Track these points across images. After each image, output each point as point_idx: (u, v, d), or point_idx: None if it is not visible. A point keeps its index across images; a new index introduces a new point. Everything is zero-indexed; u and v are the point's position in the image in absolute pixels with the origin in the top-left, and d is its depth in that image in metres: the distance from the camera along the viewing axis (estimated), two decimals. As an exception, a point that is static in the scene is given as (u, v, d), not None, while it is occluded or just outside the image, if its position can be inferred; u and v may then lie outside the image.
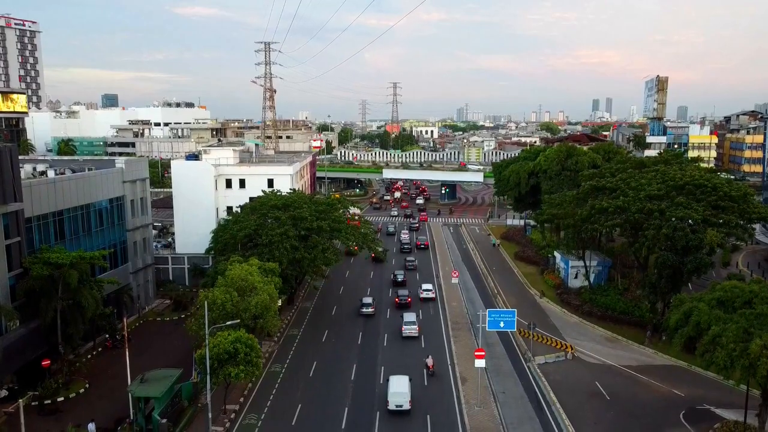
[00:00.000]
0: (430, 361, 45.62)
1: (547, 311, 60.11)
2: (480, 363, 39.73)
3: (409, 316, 54.02)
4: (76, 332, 43.21)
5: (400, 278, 68.46)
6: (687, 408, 39.65)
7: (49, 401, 40.53)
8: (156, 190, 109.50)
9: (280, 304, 51.70)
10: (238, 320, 39.51)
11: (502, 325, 41.59)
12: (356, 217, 67.82)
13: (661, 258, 44.40)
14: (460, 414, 38.75)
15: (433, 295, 63.46)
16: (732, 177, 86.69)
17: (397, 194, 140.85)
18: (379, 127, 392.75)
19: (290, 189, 66.19)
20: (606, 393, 41.94)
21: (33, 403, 39.88)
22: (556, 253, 71.32)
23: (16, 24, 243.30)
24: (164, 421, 35.37)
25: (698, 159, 68.84)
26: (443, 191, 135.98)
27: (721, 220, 45.65)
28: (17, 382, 41.67)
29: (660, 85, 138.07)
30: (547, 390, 41.82)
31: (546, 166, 76.61)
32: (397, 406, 38.63)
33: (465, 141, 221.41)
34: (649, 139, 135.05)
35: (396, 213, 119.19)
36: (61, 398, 41.11)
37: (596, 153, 77.14)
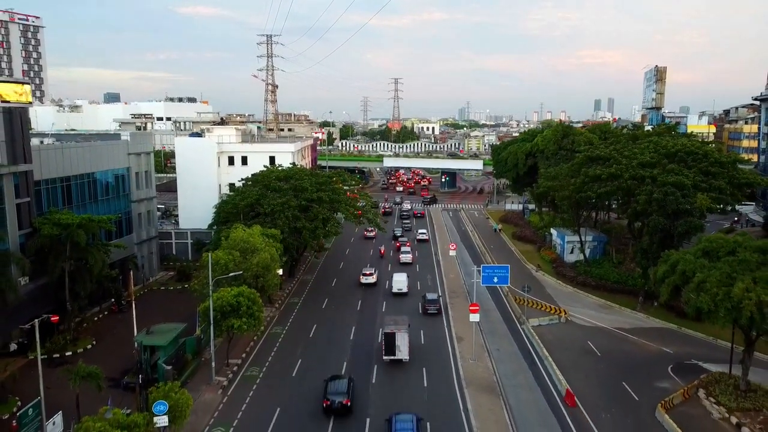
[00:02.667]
0: (382, 249, 72.56)
1: (543, 283, 61.37)
2: (474, 317, 41.02)
3: (406, 249, 71.27)
4: (84, 290, 44.51)
5: (398, 233, 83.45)
6: (675, 363, 40.90)
7: (58, 355, 41.94)
8: (159, 175, 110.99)
9: (281, 273, 53.11)
10: (240, 272, 40.81)
11: (495, 280, 42.85)
12: (355, 190, 69.16)
13: (652, 222, 45.66)
14: (455, 366, 40.04)
15: (427, 237, 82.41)
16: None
17: (404, 177, 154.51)
18: (380, 126, 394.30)
19: (291, 163, 67.53)
20: (597, 350, 43.22)
21: (42, 357, 41.14)
22: (552, 230, 72.58)
23: (19, 19, 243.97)
24: (169, 367, 36.68)
25: (692, 134, 70.01)
26: (443, 180, 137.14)
27: (710, 185, 46.81)
28: (26, 337, 43.01)
29: (659, 75, 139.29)
30: (540, 347, 43.04)
31: (543, 146, 77.79)
32: (398, 290, 55.88)
33: (465, 133, 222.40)
34: (648, 129, 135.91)
35: (401, 189, 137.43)
36: (69, 353, 42.48)
37: (592, 133, 78.35)
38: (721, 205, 48.37)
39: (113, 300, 52.49)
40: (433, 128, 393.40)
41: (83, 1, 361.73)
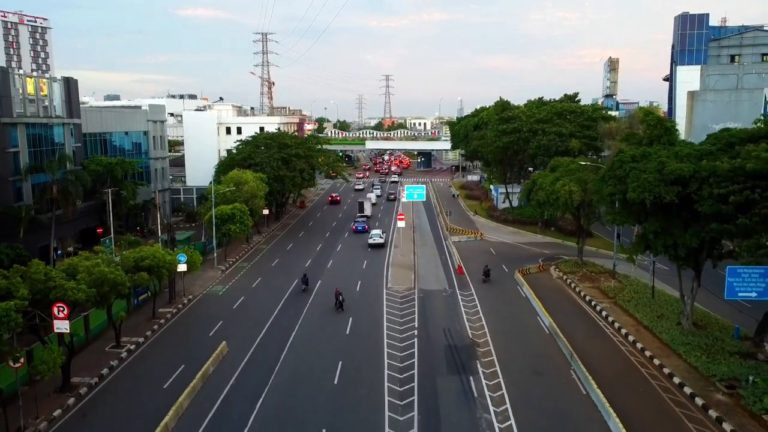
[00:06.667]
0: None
1: (476, 222, 77.42)
2: (401, 224, 57.11)
3: (377, 186, 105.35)
4: (120, 211, 60.50)
5: (376, 182, 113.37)
6: (546, 257, 56.91)
7: (103, 255, 57.89)
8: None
9: (266, 213, 69.11)
10: (234, 187, 56.94)
11: (416, 196, 59.02)
12: (326, 150, 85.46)
13: (539, 161, 61.69)
14: (388, 258, 56.13)
15: (398, 179, 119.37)
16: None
17: (387, 157, 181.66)
18: (376, 125, 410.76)
19: (276, 128, 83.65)
20: (494, 252, 59.28)
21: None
22: (491, 186, 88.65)
23: (28, 21, 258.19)
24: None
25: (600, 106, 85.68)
26: (419, 160, 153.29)
27: (583, 134, 63.01)
28: (80, 244, 59.11)
29: (612, 65, 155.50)
30: (452, 249, 59.18)
31: (487, 119, 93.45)
32: (378, 196, 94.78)
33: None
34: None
35: (388, 163, 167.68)
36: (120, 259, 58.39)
37: (528, 108, 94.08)
38: (594, 149, 64.23)
39: (138, 228, 68.44)
40: (425, 124, 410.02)
41: (85, 3, 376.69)
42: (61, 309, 24.96)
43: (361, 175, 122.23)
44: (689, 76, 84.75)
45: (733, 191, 26.86)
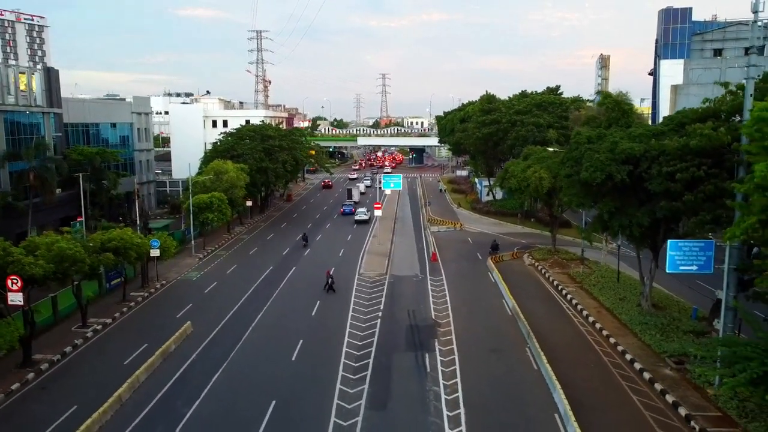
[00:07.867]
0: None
1: (458, 214, 77.88)
2: (378, 212, 57.58)
3: (367, 178, 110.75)
4: (100, 200, 61.00)
5: (368, 174, 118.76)
6: (522, 245, 57.35)
7: (83, 243, 58.34)
8: (156, 149, 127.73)
9: (250, 204, 69.62)
10: (211, 175, 57.39)
11: (392, 185, 59.47)
12: (312, 142, 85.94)
13: (517, 151, 62.18)
14: (365, 246, 56.59)
15: (391, 171, 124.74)
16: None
17: (380, 153, 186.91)
18: (373, 123, 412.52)
19: (261, 120, 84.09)
20: (471, 241, 59.72)
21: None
22: (476, 180, 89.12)
23: (25, 18, 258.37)
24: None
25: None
26: (411, 156, 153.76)
27: (560, 125, 63.57)
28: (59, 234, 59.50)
29: (604, 62, 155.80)
30: (430, 238, 59.62)
31: (472, 113, 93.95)
32: (367, 186, 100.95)
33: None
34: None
35: (381, 159, 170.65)
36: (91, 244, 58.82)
37: (510, 100, 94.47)
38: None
39: (120, 218, 68.84)
40: (422, 123, 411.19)
41: (84, 3, 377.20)
42: (15, 282, 25.45)
43: (357, 167, 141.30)
44: (672, 70, 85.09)
45: (680, 169, 27.33)
